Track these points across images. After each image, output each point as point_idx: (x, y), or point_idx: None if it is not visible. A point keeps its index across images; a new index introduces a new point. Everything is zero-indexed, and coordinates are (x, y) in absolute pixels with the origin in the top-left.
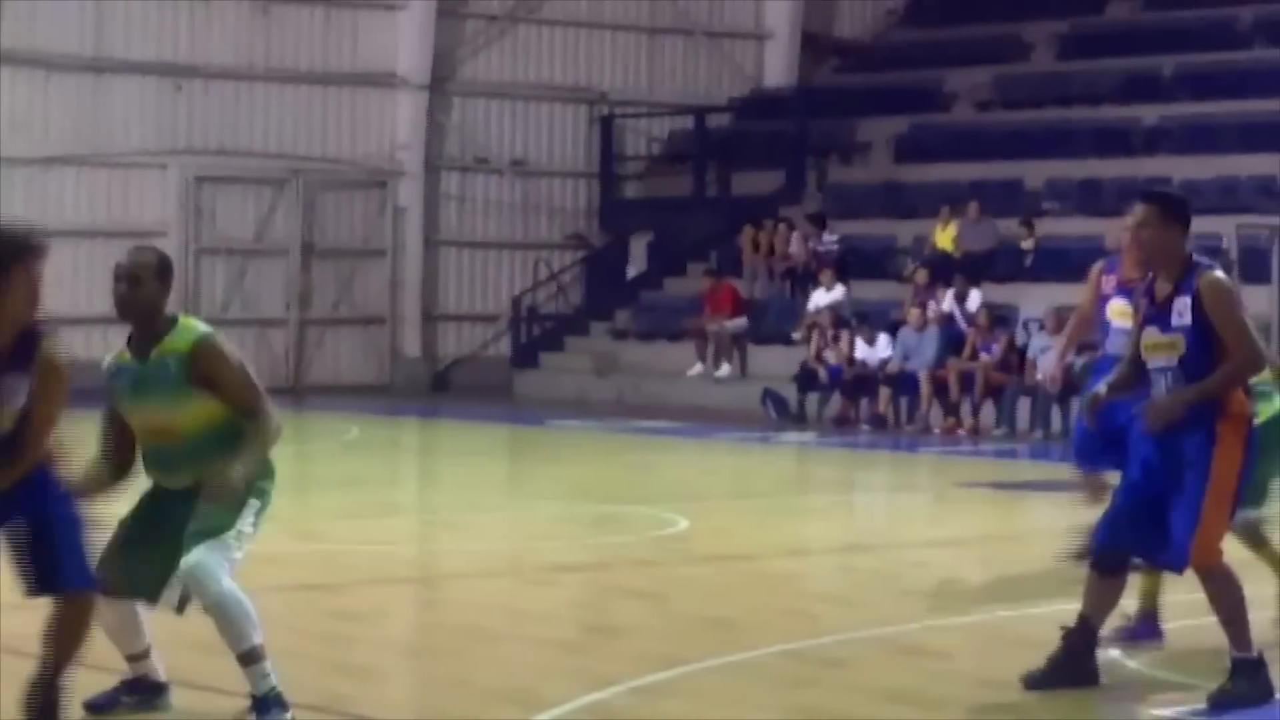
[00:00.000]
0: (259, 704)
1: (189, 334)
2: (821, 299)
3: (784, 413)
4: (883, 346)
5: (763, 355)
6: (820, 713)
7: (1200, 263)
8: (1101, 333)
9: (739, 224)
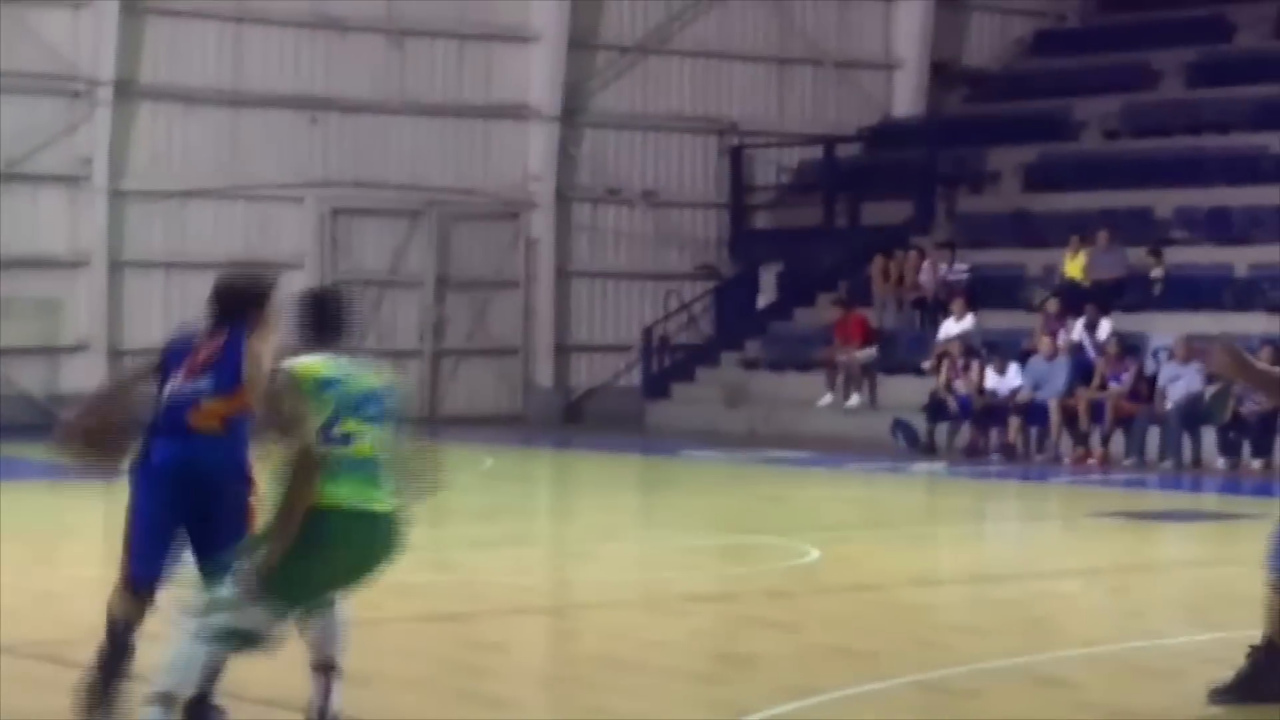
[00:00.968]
0: None
1: None
2: (951, 329)
3: (914, 443)
4: (1012, 376)
5: (893, 385)
6: None
7: None
8: None
9: (868, 254)
